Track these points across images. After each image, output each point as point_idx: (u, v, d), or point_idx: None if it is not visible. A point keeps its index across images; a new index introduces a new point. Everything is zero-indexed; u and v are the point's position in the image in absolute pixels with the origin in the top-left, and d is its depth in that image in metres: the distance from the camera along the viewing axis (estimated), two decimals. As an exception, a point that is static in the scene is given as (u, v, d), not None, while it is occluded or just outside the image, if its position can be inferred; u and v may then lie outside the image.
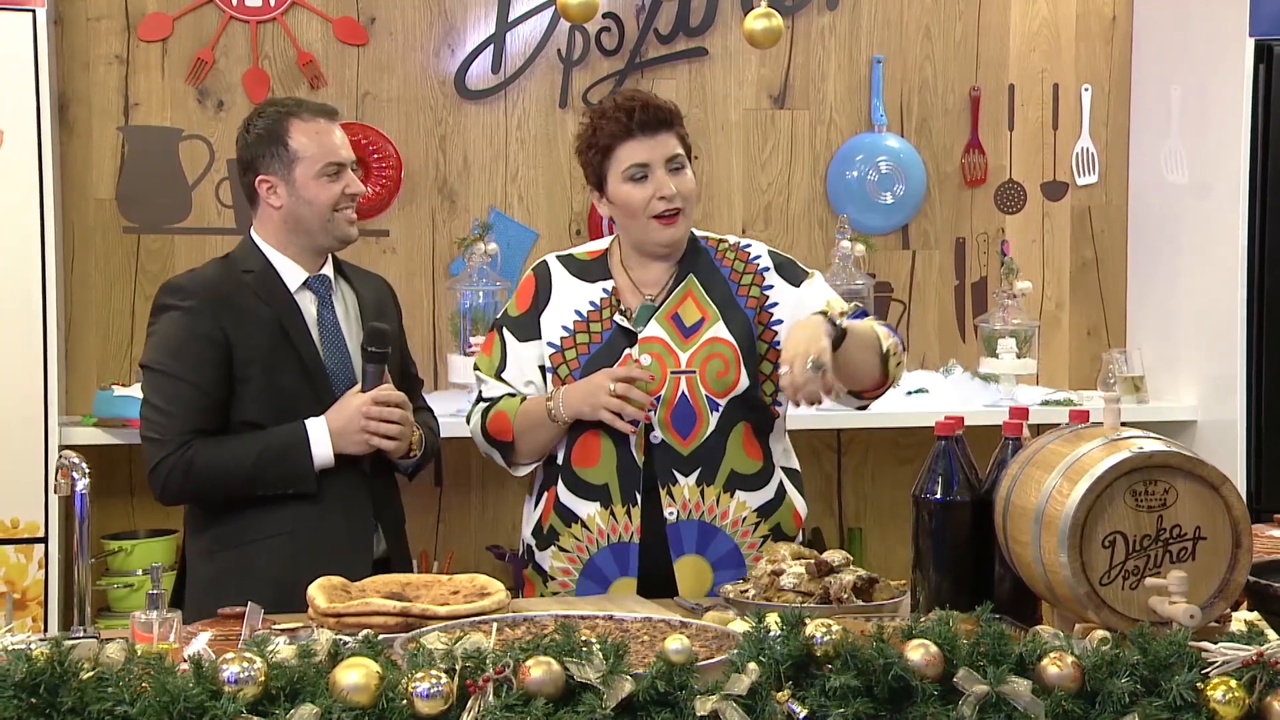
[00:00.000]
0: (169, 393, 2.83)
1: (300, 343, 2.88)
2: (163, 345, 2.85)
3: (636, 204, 2.83)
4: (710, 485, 2.85)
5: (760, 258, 2.96)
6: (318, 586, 2.32)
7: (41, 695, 1.66)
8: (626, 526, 2.83)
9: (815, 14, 4.45)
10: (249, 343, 2.84)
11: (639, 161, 2.82)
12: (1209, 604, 2.04)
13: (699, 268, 2.92)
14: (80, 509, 2.33)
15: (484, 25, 4.26)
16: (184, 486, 2.82)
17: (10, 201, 3.57)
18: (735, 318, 2.89)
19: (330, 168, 2.89)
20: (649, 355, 2.84)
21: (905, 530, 2.40)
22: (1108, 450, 2.07)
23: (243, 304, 2.86)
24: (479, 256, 3.97)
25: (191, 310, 2.84)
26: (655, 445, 2.83)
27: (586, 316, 2.89)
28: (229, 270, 2.92)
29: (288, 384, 2.85)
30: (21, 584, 3.56)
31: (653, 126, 2.83)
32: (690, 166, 2.89)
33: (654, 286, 2.91)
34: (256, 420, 2.84)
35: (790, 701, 1.74)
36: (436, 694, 1.66)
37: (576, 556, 2.87)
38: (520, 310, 2.93)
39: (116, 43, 4.04)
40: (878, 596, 2.42)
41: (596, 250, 2.97)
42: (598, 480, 2.85)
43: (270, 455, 2.81)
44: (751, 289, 2.93)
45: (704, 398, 2.84)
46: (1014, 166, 4.60)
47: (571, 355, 2.87)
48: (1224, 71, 4.17)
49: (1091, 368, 4.61)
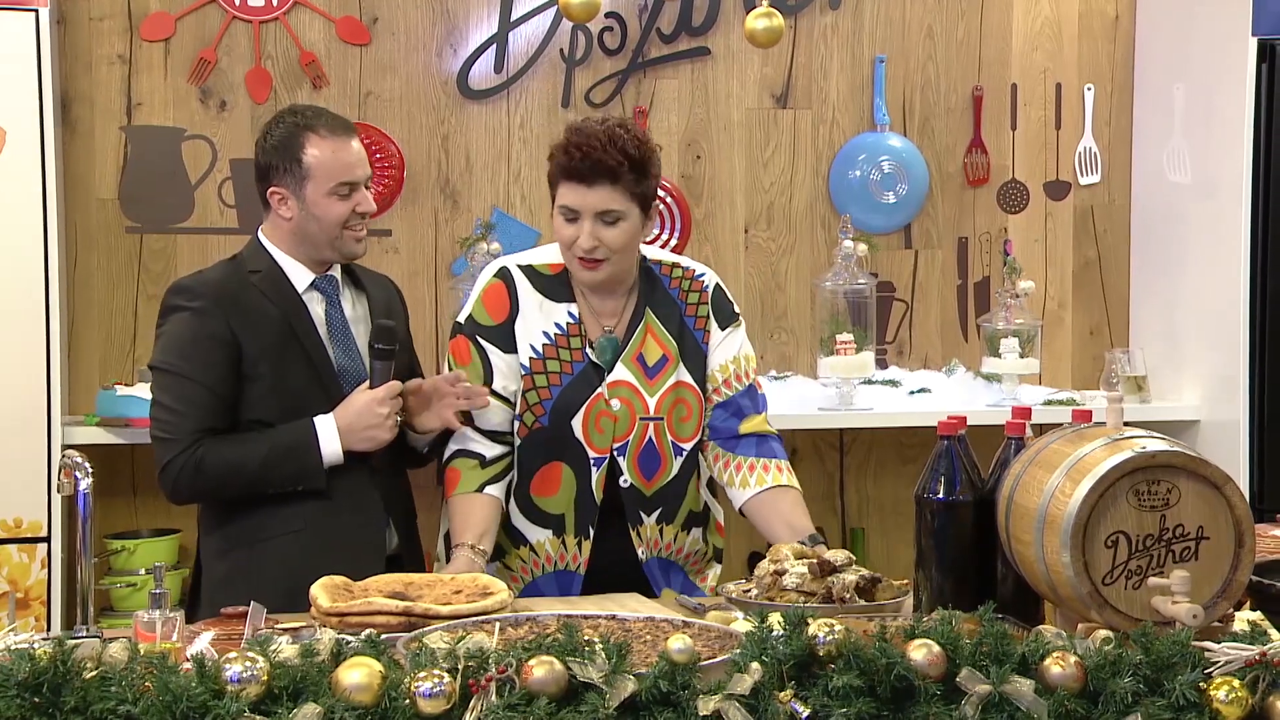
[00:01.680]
0: (178, 392, 2.84)
1: (308, 342, 2.89)
2: (171, 346, 2.87)
3: (562, 239, 2.85)
4: (669, 524, 2.95)
5: (708, 288, 3.00)
6: (320, 586, 2.32)
7: (44, 695, 1.66)
8: (575, 557, 2.90)
9: (818, 13, 4.45)
10: (257, 342, 2.85)
11: (569, 205, 2.82)
12: (1212, 604, 2.03)
13: (654, 299, 2.95)
14: (83, 508, 2.33)
15: (486, 25, 4.26)
16: (194, 485, 2.83)
17: (13, 201, 3.57)
18: (693, 355, 2.95)
19: (342, 187, 2.90)
20: (619, 400, 2.88)
21: (908, 530, 2.40)
22: (1110, 450, 2.07)
23: (250, 304, 2.88)
24: (481, 256, 3.97)
25: (199, 310, 2.85)
26: (624, 488, 2.90)
27: (555, 341, 2.90)
28: (236, 270, 2.94)
29: (296, 383, 2.87)
30: (24, 583, 3.56)
31: (589, 177, 2.79)
32: (635, 218, 2.83)
33: (611, 317, 2.94)
34: (266, 419, 2.85)
35: (793, 701, 1.74)
36: (439, 693, 1.66)
37: (519, 576, 2.93)
38: (496, 320, 2.92)
39: (119, 42, 4.04)
40: (880, 596, 2.41)
41: (557, 265, 2.94)
42: (554, 510, 2.90)
43: (279, 453, 2.82)
44: (699, 308, 2.98)
45: (669, 444, 2.91)
46: (1016, 166, 4.60)
47: (542, 383, 2.88)
48: (1227, 71, 4.16)
49: (1094, 367, 4.61)
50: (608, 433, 2.88)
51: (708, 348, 2.97)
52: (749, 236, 4.41)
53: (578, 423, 2.87)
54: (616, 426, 2.88)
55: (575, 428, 2.87)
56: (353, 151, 2.93)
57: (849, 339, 4.04)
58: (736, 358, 2.98)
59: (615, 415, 2.87)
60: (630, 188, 2.81)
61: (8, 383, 3.56)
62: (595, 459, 2.88)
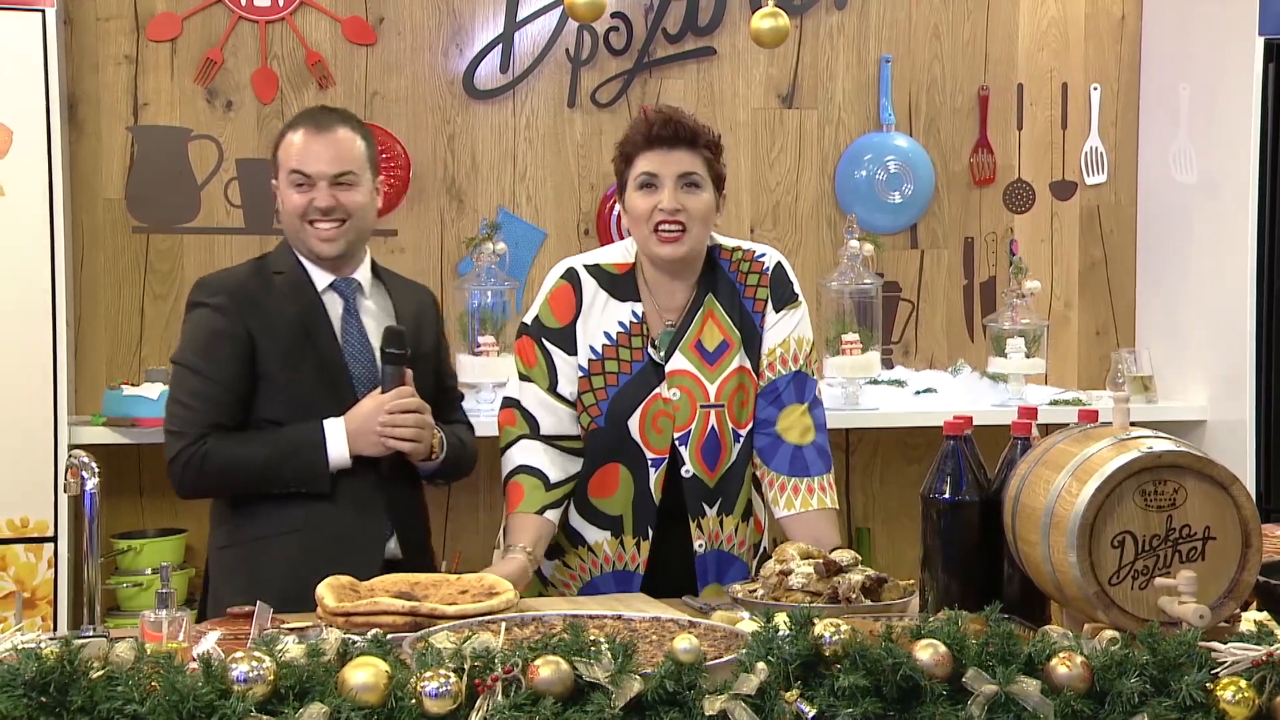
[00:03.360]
0: (191, 387, 2.88)
1: (321, 343, 2.90)
2: (189, 341, 2.92)
3: (639, 212, 2.83)
4: (730, 515, 2.90)
5: (768, 269, 2.95)
6: (326, 585, 2.32)
7: (51, 694, 1.66)
8: (634, 557, 2.88)
9: (824, 13, 4.45)
10: (272, 341, 2.87)
11: (649, 170, 2.82)
12: (1218, 604, 2.03)
13: (716, 285, 2.92)
14: (89, 508, 2.33)
15: (492, 25, 4.26)
16: (199, 480, 2.86)
17: (20, 201, 3.57)
18: (752, 339, 2.91)
19: (295, 176, 2.90)
20: (678, 390, 2.85)
21: (914, 530, 2.40)
22: (1117, 450, 2.07)
23: (269, 303, 2.90)
24: (487, 256, 3.97)
25: (217, 308, 2.89)
26: (686, 479, 2.86)
27: (616, 340, 2.88)
28: (261, 270, 2.98)
29: (307, 384, 2.88)
30: (31, 583, 3.56)
31: (669, 141, 2.82)
32: (712, 192, 2.85)
33: (675, 313, 2.91)
34: (276, 418, 2.87)
35: (799, 701, 1.74)
36: (445, 693, 1.66)
37: (578, 575, 2.91)
38: (561, 322, 2.89)
39: (126, 43, 4.04)
40: (886, 596, 2.41)
41: (624, 264, 2.93)
42: (613, 511, 2.88)
43: (286, 453, 2.83)
44: (758, 290, 2.93)
45: (730, 431, 2.87)
46: (1023, 166, 4.59)
47: (599, 384, 2.87)
48: (1233, 70, 4.16)
49: (1100, 367, 4.61)
50: (666, 433, 2.85)
51: (763, 331, 2.92)
52: (755, 236, 4.40)
53: (634, 423, 2.85)
54: (677, 416, 2.84)
55: (632, 428, 2.85)
56: (318, 143, 2.90)
57: (855, 339, 4.04)
58: (786, 340, 2.91)
59: (677, 405, 2.84)
60: (708, 159, 2.85)
61: (14, 383, 3.56)
62: (654, 460, 2.85)
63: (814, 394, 2.94)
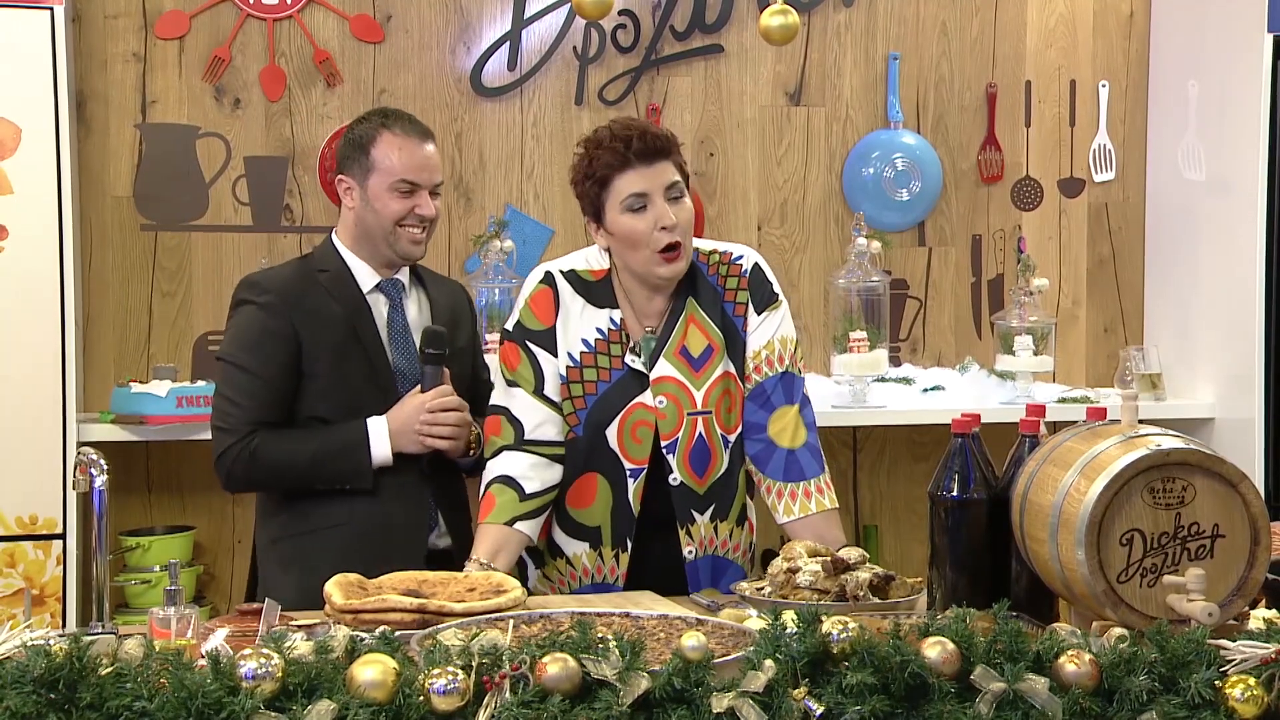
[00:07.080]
0: (238, 384, 2.93)
1: (368, 342, 2.96)
2: (236, 339, 2.97)
3: (639, 235, 2.77)
4: (724, 520, 2.88)
5: (745, 272, 2.91)
6: (334, 583, 2.33)
7: (60, 691, 1.67)
8: (613, 569, 2.85)
9: (831, 11, 4.44)
10: (318, 340, 2.92)
11: (637, 191, 2.77)
12: (1227, 602, 2.03)
13: (697, 289, 2.88)
14: (98, 505, 2.34)
15: (500, 22, 4.26)
16: (247, 475, 2.92)
17: (29, 199, 3.58)
18: (735, 343, 2.87)
19: (403, 184, 2.97)
20: (664, 397, 2.81)
21: (922, 528, 2.40)
22: (1125, 448, 2.06)
23: (315, 302, 2.95)
24: (495, 254, 3.97)
25: (265, 306, 2.95)
26: (674, 487, 2.83)
27: (594, 348, 2.84)
28: (306, 269, 3.03)
29: (354, 382, 2.94)
30: (40, 580, 3.57)
31: (650, 155, 2.77)
32: (687, 194, 2.82)
33: (654, 319, 2.88)
34: (323, 415, 2.94)
35: (807, 699, 1.74)
36: (453, 690, 1.66)
37: (558, 588, 2.90)
38: (544, 324, 2.85)
39: (134, 40, 4.05)
40: (894, 594, 2.41)
41: (599, 270, 2.88)
42: (590, 522, 2.85)
43: (331, 450, 2.90)
44: (737, 294, 2.90)
45: (719, 437, 2.84)
46: (1031, 163, 4.59)
47: (578, 391, 2.83)
48: (1242, 67, 4.15)
49: (1108, 365, 4.60)
50: (645, 443, 2.80)
51: (746, 335, 2.88)
52: (762, 234, 4.41)
53: (612, 432, 2.80)
54: (665, 425, 2.80)
55: (610, 438, 2.80)
56: (423, 153, 3.00)
57: (862, 336, 4.04)
58: (771, 342, 2.87)
59: (663, 414, 2.79)
60: (679, 162, 2.83)
61: (23, 380, 3.57)
62: (632, 470, 2.81)
63: (802, 393, 2.90)
